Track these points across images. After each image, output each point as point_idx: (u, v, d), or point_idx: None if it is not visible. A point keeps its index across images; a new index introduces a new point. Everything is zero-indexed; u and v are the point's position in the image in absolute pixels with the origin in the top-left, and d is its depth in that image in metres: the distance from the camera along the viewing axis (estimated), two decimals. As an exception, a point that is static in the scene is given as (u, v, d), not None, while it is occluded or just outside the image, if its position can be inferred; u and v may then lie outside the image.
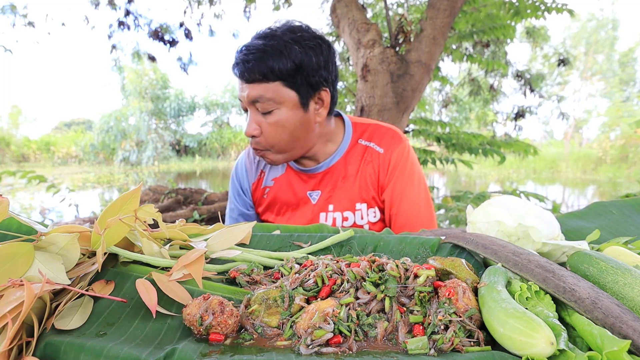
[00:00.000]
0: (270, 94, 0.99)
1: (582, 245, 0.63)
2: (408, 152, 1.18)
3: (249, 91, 1.00)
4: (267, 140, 1.05)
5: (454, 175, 13.60)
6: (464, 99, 8.72)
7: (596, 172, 14.58)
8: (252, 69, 0.97)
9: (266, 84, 0.99)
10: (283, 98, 1.00)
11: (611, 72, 20.36)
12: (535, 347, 0.37)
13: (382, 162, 1.16)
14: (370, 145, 1.18)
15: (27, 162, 19.51)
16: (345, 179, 1.17)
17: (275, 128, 1.03)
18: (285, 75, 0.98)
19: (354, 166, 1.17)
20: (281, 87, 1.00)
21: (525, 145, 3.40)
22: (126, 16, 4.98)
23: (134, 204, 0.56)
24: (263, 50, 0.97)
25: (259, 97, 1.00)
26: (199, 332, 0.44)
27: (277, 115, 1.02)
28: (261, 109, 1.01)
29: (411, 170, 1.16)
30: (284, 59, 0.97)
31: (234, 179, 1.30)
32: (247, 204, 1.29)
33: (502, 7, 3.07)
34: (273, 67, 0.97)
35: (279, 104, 1.01)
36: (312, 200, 1.19)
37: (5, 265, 0.45)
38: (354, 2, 2.83)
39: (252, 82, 0.99)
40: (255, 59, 0.97)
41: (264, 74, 0.97)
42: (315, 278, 0.51)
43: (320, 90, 1.05)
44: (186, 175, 14.65)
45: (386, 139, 1.18)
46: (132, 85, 19.06)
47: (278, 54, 0.97)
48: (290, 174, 1.21)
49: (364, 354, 0.43)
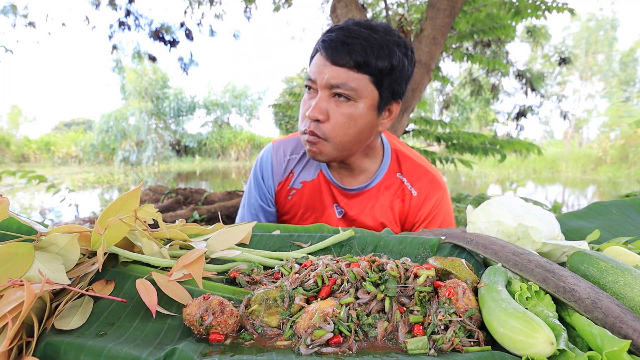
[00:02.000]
0: (356, 84, 0.94)
1: (582, 245, 0.63)
2: (442, 200, 1.14)
3: (334, 74, 0.94)
4: (333, 129, 0.97)
5: (454, 175, 13.60)
6: (464, 99, 8.71)
7: (596, 172, 14.57)
8: (349, 53, 0.92)
9: (355, 73, 0.93)
10: (365, 93, 0.95)
11: (611, 72, 20.36)
12: (535, 347, 0.37)
13: (413, 205, 1.12)
14: (405, 184, 1.13)
15: (27, 162, 19.51)
16: (374, 209, 1.13)
17: (347, 120, 0.96)
18: (378, 72, 0.94)
19: (385, 198, 1.13)
20: (368, 82, 0.95)
21: (527, 144, 3.39)
22: (127, 16, 4.98)
23: (134, 204, 0.56)
24: (367, 40, 0.92)
25: (342, 84, 0.93)
26: (199, 332, 0.44)
27: (353, 109, 0.96)
28: (342, 93, 0.95)
29: (443, 221, 1.14)
30: (383, 57, 0.93)
31: (257, 173, 1.23)
32: (269, 200, 1.23)
33: (502, 7, 3.07)
34: (370, 60, 0.92)
35: (359, 98, 0.95)
36: (337, 213, 1.16)
37: (5, 265, 0.45)
38: (354, 2, 2.83)
39: (342, 66, 0.93)
40: (356, 44, 0.92)
41: (358, 63, 0.92)
42: (315, 278, 0.51)
43: (396, 100, 1.02)
44: (186, 175, 14.65)
45: (423, 182, 1.13)
46: (132, 85, 19.06)
47: (380, 49, 0.93)
48: (322, 182, 1.16)
49: (364, 354, 0.43)
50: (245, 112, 22.30)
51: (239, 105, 22.05)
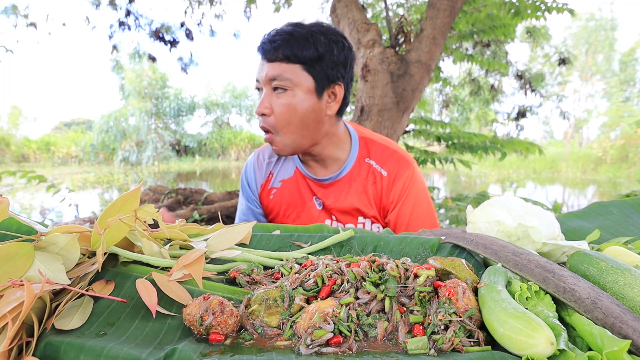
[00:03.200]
0: (289, 74, 1.03)
1: (582, 245, 0.63)
2: (413, 177, 1.17)
3: (269, 70, 1.04)
4: (277, 120, 1.06)
5: (454, 175, 13.61)
6: (464, 99, 8.72)
7: (596, 172, 14.58)
8: (276, 49, 1.02)
9: (286, 64, 1.03)
10: (300, 81, 1.04)
11: (611, 73, 20.36)
12: (535, 347, 0.37)
13: (385, 186, 1.17)
14: (374, 167, 1.19)
15: (27, 162, 19.50)
16: (349, 194, 1.18)
17: (287, 109, 1.05)
18: (307, 60, 1.03)
19: (358, 183, 1.18)
20: (300, 70, 1.04)
21: (527, 143, 3.39)
22: (127, 16, 4.98)
23: (134, 204, 0.56)
24: (290, 34, 1.03)
25: (277, 76, 1.03)
26: (199, 332, 0.44)
27: (291, 97, 1.05)
28: (277, 86, 1.04)
29: (417, 196, 1.16)
30: (308, 45, 1.03)
31: (243, 179, 1.32)
32: (255, 202, 1.31)
33: (502, 7, 3.07)
34: (297, 51, 1.02)
35: (295, 86, 1.04)
36: (317, 205, 1.21)
37: (5, 265, 0.45)
38: (354, 2, 2.83)
39: (274, 61, 1.04)
40: (281, 40, 1.03)
41: (287, 55, 1.02)
42: (315, 278, 0.51)
43: (335, 83, 1.09)
44: (186, 175, 14.64)
45: (391, 162, 1.18)
46: (132, 85, 19.05)
47: (304, 39, 1.03)
48: (299, 178, 1.23)
49: (364, 354, 0.43)
50: (245, 112, 22.30)
51: (239, 105, 22.05)
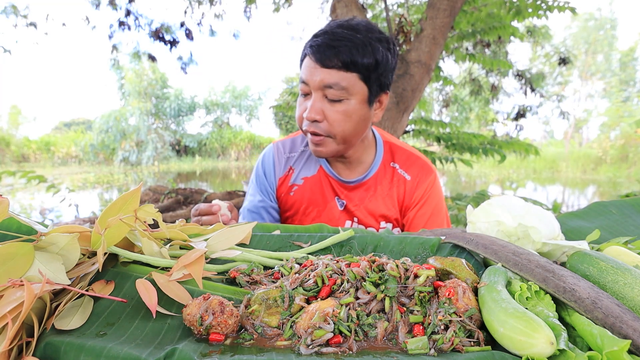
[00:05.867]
0: (346, 83, 1.00)
1: (582, 245, 0.63)
2: (434, 184, 1.21)
3: (324, 76, 1.00)
4: (332, 127, 1.04)
5: (454, 175, 13.61)
6: (464, 98, 8.72)
7: (596, 172, 14.58)
8: (335, 56, 0.98)
9: (344, 72, 1.00)
10: (356, 90, 1.02)
11: (611, 72, 20.36)
12: (535, 347, 0.37)
13: (408, 189, 1.20)
14: (399, 170, 1.21)
15: (27, 162, 19.49)
16: (374, 197, 1.19)
17: (342, 117, 1.03)
18: (365, 69, 1.01)
19: (383, 187, 1.20)
20: (357, 79, 1.01)
21: (526, 144, 3.40)
22: (127, 16, 4.98)
23: (134, 204, 0.56)
24: (350, 40, 0.99)
25: (333, 84, 1.00)
26: (199, 332, 0.44)
27: (347, 105, 1.03)
28: (332, 96, 1.01)
29: (436, 203, 1.21)
30: (367, 54, 1.00)
31: (259, 170, 1.29)
32: (270, 195, 1.28)
33: (503, 7, 3.07)
34: (357, 59, 0.99)
35: (351, 95, 1.02)
36: (339, 206, 1.21)
37: (5, 265, 0.45)
38: (354, 2, 2.83)
39: (330, 67, 1.00)
40: (341, 46, 0.98)
41: (346, 63, 0.99)
42: (315, 278, 0.51)
43: (384, 92, 1.09)
44: (186, 175, 14.64)
45: (415, 167, 1.21)
46: (132, 85, 19.04)
47: (363, 47, 0.99)
48: (322, 177, 1.22)
49: (364, 354, 0.43)
50: (246, 112, 22.29)
51: (239, 105, 22.04)
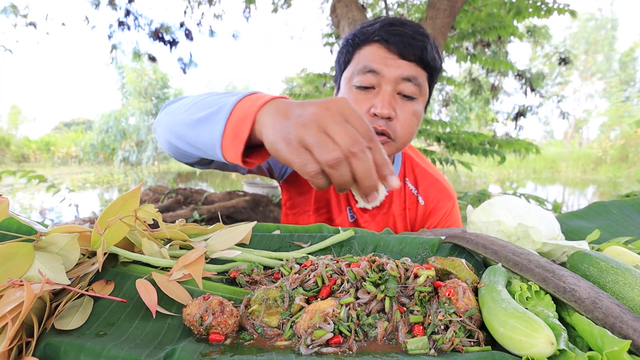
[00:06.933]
0: (421, 80, 0.92)
1: (582, 245, 0.63)
2: (452, 211, 1.12)
3: (405, 68, 0.89)
4: (402, 127, 0.91)
5: (454, 175, 13.60)
6: (464, 98, 8.72)
7: (596, 172, 14.58)
8: (420, 50, 0.88)
9: (420, 69, 0.91)
10: (424, 90, 0.94)
11: (611, 72, 20.37)
12: (535, 347, 0.37)
13: (420, 214, 1.11)
14: (410, 188, 1.11)
15: (27, 162, 19.49)
16: (386, 216, 1.12)
17: (412, 117, 0.92)
18: (434, 71, 0.94)
19: (397, 206, 1.12)
20: (426, 79, 0.94)
21: (526, 143, 3.40)
22: (126, 16, 4.98)
23: (134, 204, 0.56)
24: (427, 36, 0.91)
25: (412, 77, 0.89)
26: (199, 332, 0.44)
27: (416, 105, 0.92)
28: (407, 91, 0.90)
29: None
30: (438, 56, 0.94)
31: None
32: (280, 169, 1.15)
33: (503, 7, 3.07)
34: (435, 57, 0.91)
35: (420, 95, 0.93)
36: (350, 218, 1.14)
37: (5, 265, 0.45)
38: (354, 2, 2.83)
39: (410, 60, 0.89)
40: (423, 41, 0.90)
41: (424, 59, 0.90)
42: (315, 278, 0.51)
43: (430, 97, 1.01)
44: (186, 175, 14.64)
45: (432, 192, 1.11)
46: (132, 85, 19.06)
47: (435, 48, 0.93)
48: None
49: (364, 354, 0.43)
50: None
51: None
